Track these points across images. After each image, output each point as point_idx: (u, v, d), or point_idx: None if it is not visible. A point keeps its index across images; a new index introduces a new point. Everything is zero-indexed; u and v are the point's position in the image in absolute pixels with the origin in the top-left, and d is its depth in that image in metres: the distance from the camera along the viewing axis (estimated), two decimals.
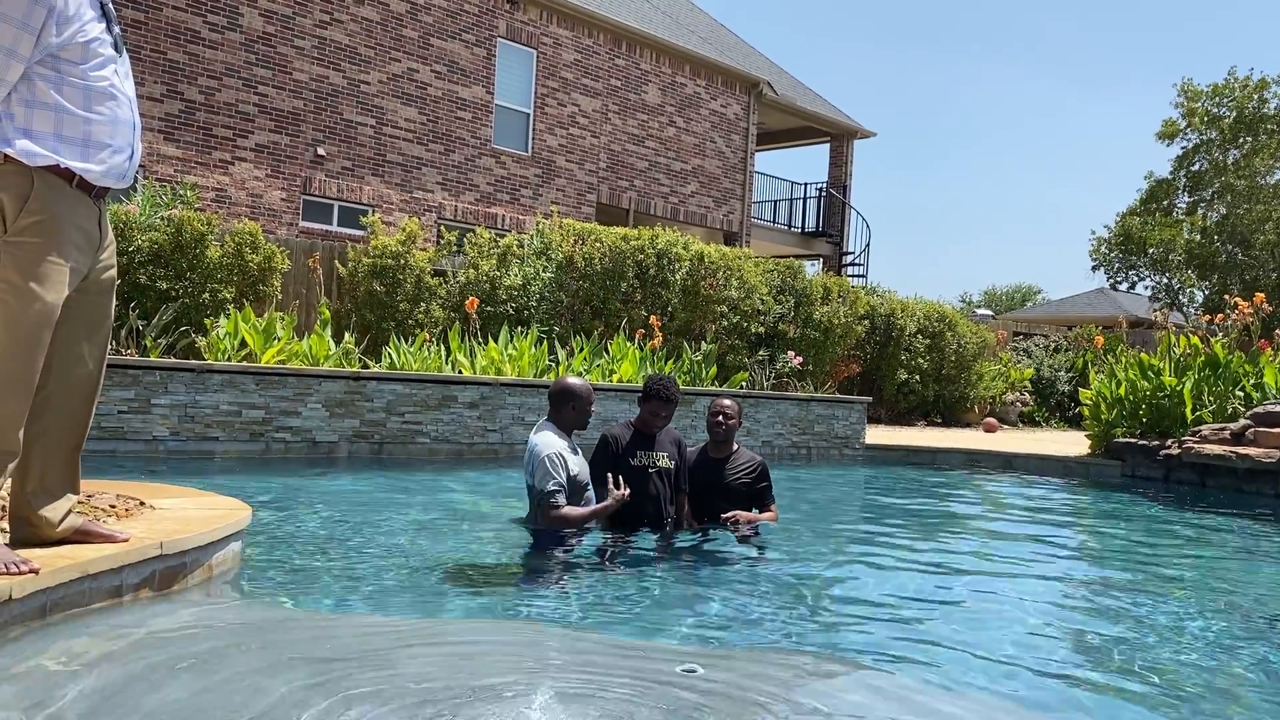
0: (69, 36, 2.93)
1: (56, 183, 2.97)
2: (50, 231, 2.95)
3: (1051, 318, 33.30)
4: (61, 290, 2.99)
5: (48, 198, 2.95)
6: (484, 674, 2.99)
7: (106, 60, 3.06)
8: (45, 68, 2.93)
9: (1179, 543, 6.72)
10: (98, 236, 3.15)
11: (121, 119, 3.10)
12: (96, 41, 3.02)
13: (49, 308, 2.96)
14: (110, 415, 7.50)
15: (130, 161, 3.17)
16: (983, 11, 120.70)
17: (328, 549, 4.84)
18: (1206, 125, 33.38)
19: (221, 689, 2.72)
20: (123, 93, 3.12)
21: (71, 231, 3.01)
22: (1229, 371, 10.50)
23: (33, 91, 2.92)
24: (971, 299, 66.29)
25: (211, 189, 14.79)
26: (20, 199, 2.91)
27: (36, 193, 2.93)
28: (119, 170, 3.12)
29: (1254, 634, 4.09)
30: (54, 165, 2.95)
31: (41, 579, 2.88)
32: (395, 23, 16.92)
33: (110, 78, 3.07)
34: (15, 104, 2.91)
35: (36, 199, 2.93)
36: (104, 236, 3.20)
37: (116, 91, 3.09)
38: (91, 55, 3.00)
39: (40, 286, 2.93)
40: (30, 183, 2.92)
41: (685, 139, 21.80)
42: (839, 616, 4.17)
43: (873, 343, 16.13)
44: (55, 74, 2.95)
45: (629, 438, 5.34)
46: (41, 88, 2.93)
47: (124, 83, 3.14)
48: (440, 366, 9.73)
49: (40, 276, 2.93)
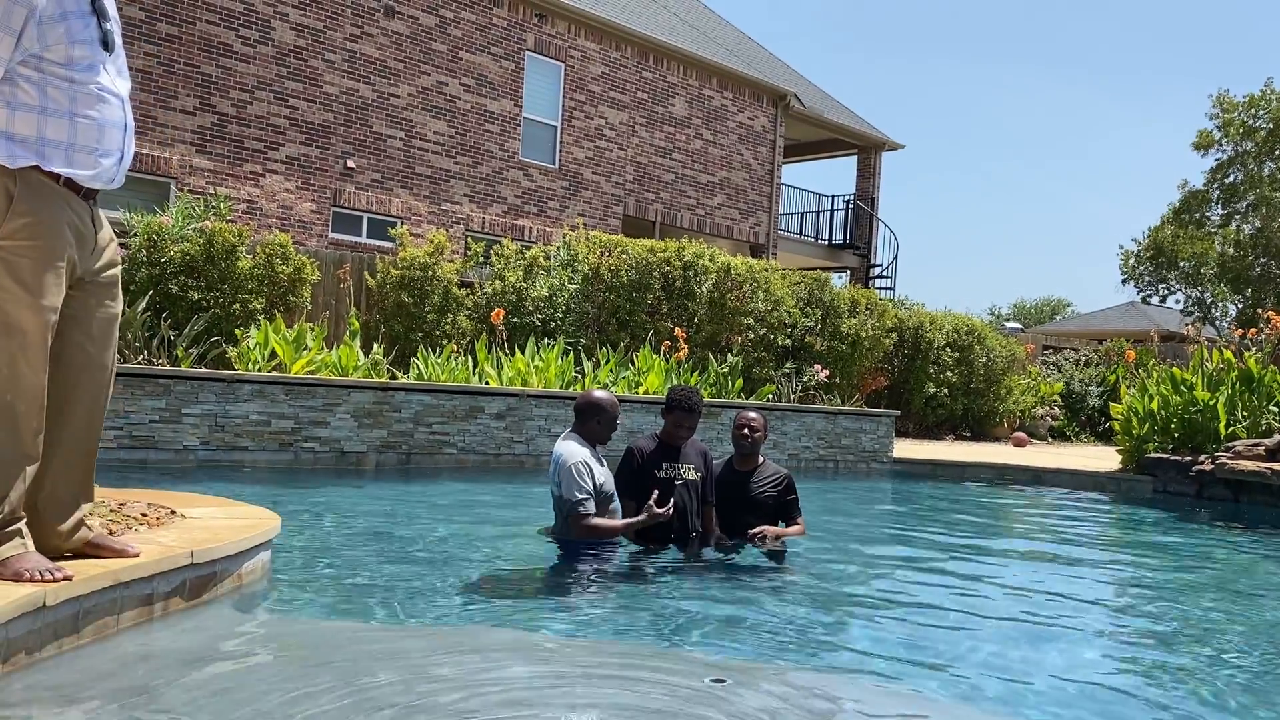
0: (53, 38, 2.84)
1: (42, 181, 2.87)
2: (41, 233, 2.86)
3: (1081, 331, 33.00)
4: (59, 291, 2.91)
5: (34, 199, 2.86)
6: (514, 685, 2.98)
7: (96, 61, 2.95)
8: (29, 69, 2.83)
9: (1200, 561, 6.63)
10: (91, 233, 3.05)
11: (111, 121, 3.00)
12: (84, 42, 2.90)
13: (47, 310, 2.88)
14: (141, 424, 7.58)
15: (120, 165, 3.07)
16: (1012, 22, 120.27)
17: (356, 559, 4.86)
18: (1242, 137, 33.03)
19: (248, 699, 2.74)
20: (113, 93, 3.01)
21: (62, 230, 2.92)
22: (1263, 386, 10.36)
23: (15, 93, 2.83)
24: (1000, 312, 65.88)
25: (243, 201, 14.95)
26: (5, 199, 2.82)
27: (20, 194, 2.83)
28: (108, 174, 3.03)
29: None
30: (36, 166, 2.86)
31: (74, 586, 2.90)
32: (425, 36, 17.06)
33: (99, 79, 2.97)
34: None
35: (22, 200, 2.84)
36: (99, 233, 3.10)
37: (105, 93, 2.99)
38: (79, 56, 2.89)
39: (37, 289, 2.85)
40: (14, 183, 2.83)
41: (712, 151, 21.81)
42: (866, 632, 4.13)
43: (900, 356, 16.04)
44: (39, 75, 2.85)
45: (654, 450, 5.33)
46: (25, 89, 2.83)
47: (116, 81, 3.04)
48: (467, 378, 9.77)
49: (35, 279, 2.85)
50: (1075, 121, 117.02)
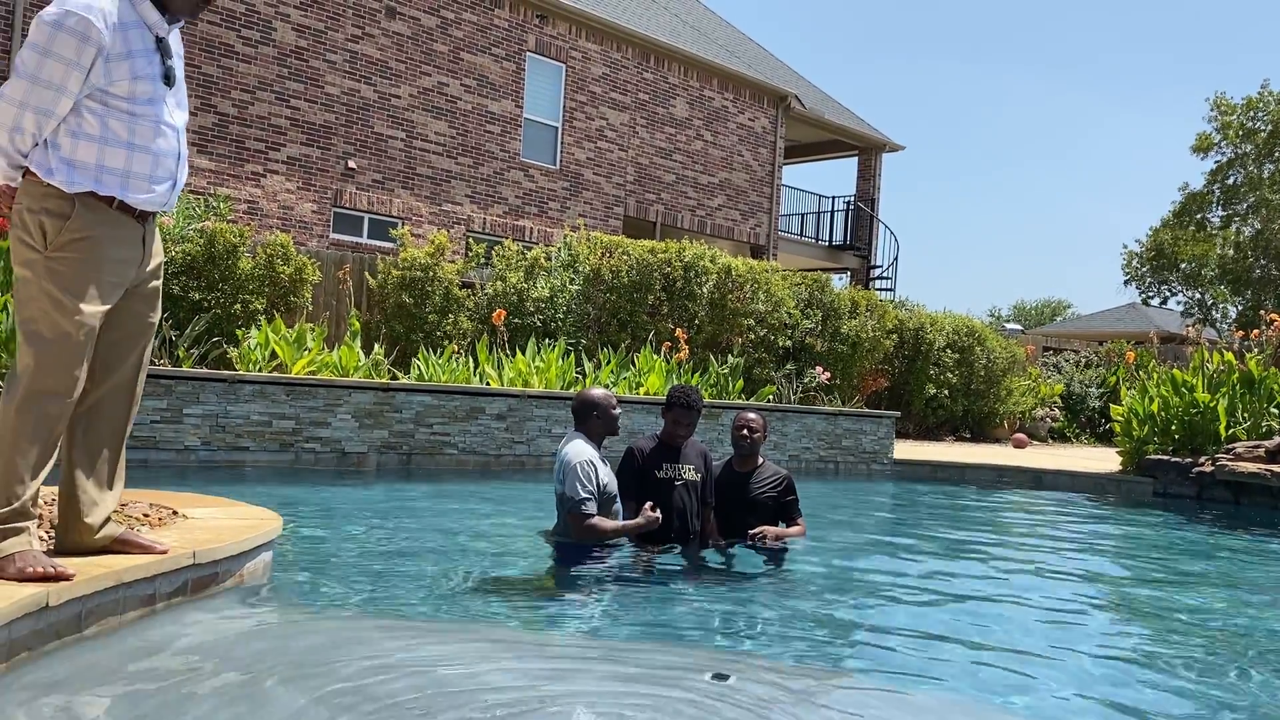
0: (118, 74, 3.00)
1: (97, 205, 3.03)
2: (90, 249, 3.01)
3: (1082, 333, 33.00)
4: (99, 304, 3.04)
5: (88, 219, 3.01)
6: (515, 685, 2.99)
7: (156, 95, 3.11)
8: (94, 101, 3.00)
9: (1204, 560, 6.64)
10: (140, 254, 3.19)
11: (166, 151, 3.16)
12: (145, 77, 3.07)
13: (89, 321, 3.01)
14: (143, 425, 7.58)
15: (173, 191, 3.23)
16: (1013, 24, 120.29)
17: (357, 559, 4.87)
18: (1241, 139, 33.05)
19: (250, 699, 2.75)
20: (170, 125, 3.17)
21: (111, 248, 3.06)
22: (1263, 388, 10.37)
23: (80, 123, 3.00)
24: (1000, 313, 65.84)
25: (244, 201, 14.96)
26: (61, 219, 2.98)
27: (77, 214, 2.99)
28: (160, 199, 3.18)
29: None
30: (92, 192, 3.01)
31: (77, 586, 2.92)
32: (426, 37, 17.07)
33: (157, 113, 3.12)
34: (62, 134, 2.99)
35: (77, 219, 2.99)
36: (148, 249, 3.24)
37: (164, 125, 3.14)
38: (140, 91, 3.06)
39: (80, 301, 2.98)
40: (71, 205, 2.99)
41: (713, 152, 21.82)
42: (865, 632, 4.14)
43: (901, 357, 16.05)
44: (103, 107, 3.01)
45: (654, 450, 5.33)
46: (89, 119, 3.00)
47: (174, 113, 3.20)
48: (468, 378, 9.78)
49: (79, 291, 2.99)
50: (1076, 123, 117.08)
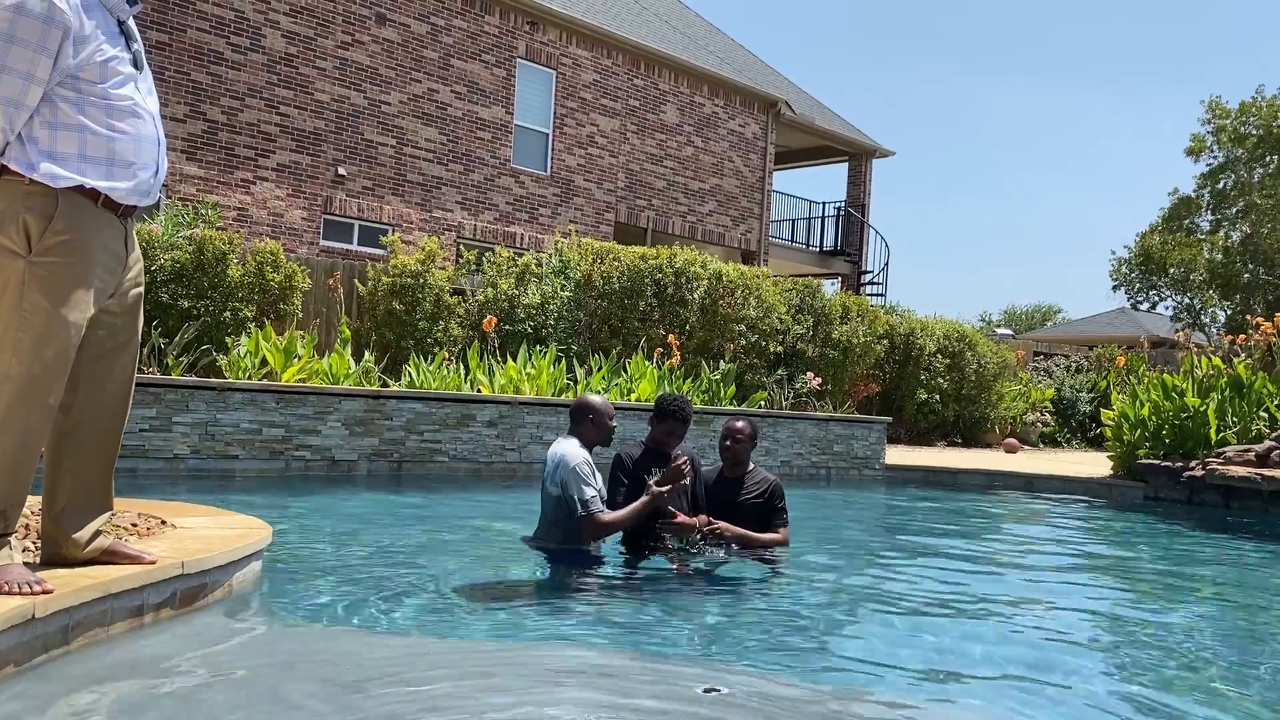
0: (86, 56, 2.94)
1: (82, 202, 2.97)
2: (76, 251, 2.95)
3: (1072, 337, 33.12)
4: (86, 309, 2.99)
5: (73, 217, 2.95)
6: (505, 694, 2.98)
7: (127, 78, 3.07)
8: (66, 89, 2.94)
9: (1199, 566, 6.65)
10: (124, 255, 3.15)
11: (145, 135, 3.11)
12: (115, 59, 3.02)
13: (74, 326, 2.96)
14: (132, 433, 7.54)
15: (155, 178, 3.17)
16: (1004, 30, 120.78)
17: (347, 568, 4.85)
18: (1233, 143, 33.23)
19: (238, 709, 2.72)
20: (145, 109, 3.12)
21: (97, 250, 3.01)
22: (1253, 393, 10.41)
23: (55, 113, 2.93)
24: (991, 318, 66.03)
25: (233, 208, 14.92)
26: (45, 219, 2.91)
27: (61, 213, 2.93)
28: (144, 187, 3.13)
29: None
30: (79, 185, 2.95)
31: (64, 598, 2.89)
32: (416, 44, 17.06)
33: (132, 95, 3.07)
34: (38, 127, 2.92)
35: (61, 219, 2.93)
36: (130, 254, 3.20)
37: (139, 108, 3.09)
38: (111, 73, 3.01)
39: (65, 306, 2.93)
40: (55, 203, 2.93)
41: (703, 158, 21.85)
42: (857, 640, 4.13)
43: (892, 362, 16.07)
44: (76, 94, 2.95)
45: (643, 455, 5.31)
46: (64, 109, 2.94)
47: (146, 99, 3.15)
48: (459, 385, 9.76)
49: (65, 295, 2.93)
50: (1067, 128, 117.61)
